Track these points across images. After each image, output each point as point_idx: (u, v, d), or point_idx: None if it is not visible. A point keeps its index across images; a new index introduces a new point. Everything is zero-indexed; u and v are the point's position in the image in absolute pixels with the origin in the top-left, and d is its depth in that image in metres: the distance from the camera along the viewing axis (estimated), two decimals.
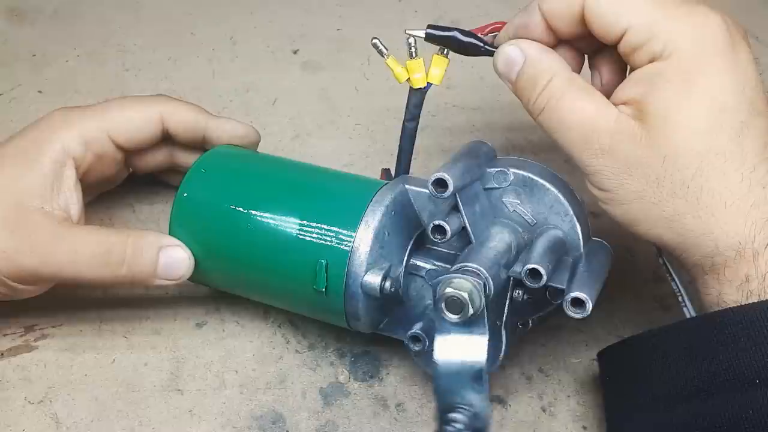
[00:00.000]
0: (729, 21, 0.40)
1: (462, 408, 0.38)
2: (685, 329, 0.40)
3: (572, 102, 0.41)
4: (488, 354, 0.39)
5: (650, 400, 0.41)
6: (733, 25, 0.40)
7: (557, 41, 0.44)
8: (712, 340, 0.38)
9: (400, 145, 0.49)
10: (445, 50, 0.46)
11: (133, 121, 0.51)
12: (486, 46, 0.45)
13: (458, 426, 0.37)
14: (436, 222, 0.43)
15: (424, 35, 0.46)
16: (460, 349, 0.39)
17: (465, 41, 0.45)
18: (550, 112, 0.42)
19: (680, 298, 0.43)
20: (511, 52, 0.43)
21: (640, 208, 0.40)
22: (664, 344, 0.41)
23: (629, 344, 0.44)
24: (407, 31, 0.46)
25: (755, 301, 0.38)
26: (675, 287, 0.43)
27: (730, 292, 0.39)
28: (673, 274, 0.44)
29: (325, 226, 0.44)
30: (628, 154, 0.40)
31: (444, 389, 0.39)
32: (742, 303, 0.38)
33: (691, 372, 0.39)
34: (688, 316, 0.42)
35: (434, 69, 0.47)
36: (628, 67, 0.42)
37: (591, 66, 0.46)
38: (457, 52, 0.46)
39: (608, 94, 0.42)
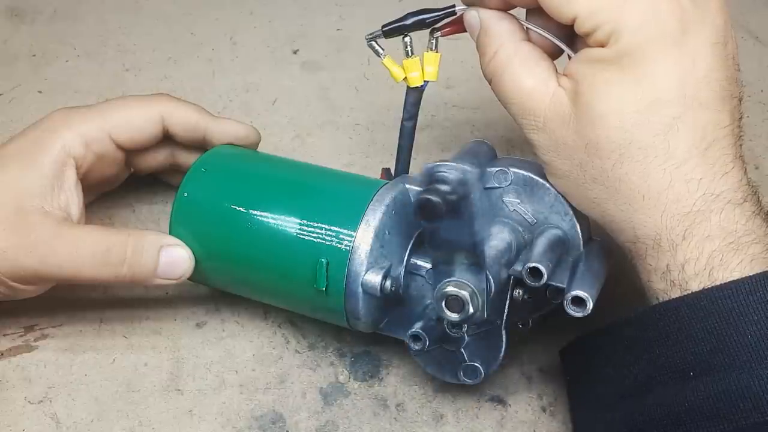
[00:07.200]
0: (687, 5, 0.38)
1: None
2: (622, 328, 0.41)
3: (512, 76, 0.42)
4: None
5: (598, 399, 0.42)
6: (692, 9, 0.38)
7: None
8: (647, 336, 0.39)
9: (399, 144, 0.49)
10: (434, 45, 0.47)
11: (134, 120, 0.51)
12: (443, 11, 0.45)
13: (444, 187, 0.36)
14: None
15: (382, 34, 0.46)
16: None
17: (419, 17, 0.45)
18: (496, 84, 0.43)
19: None
20: (470, 17, 0.44)
21: (569, 185, 0.42)
22: (607, 343, 0.42)
23: (581, 343, 0.44)
24: (366, 37, 0.47)
25: (677, 291, 0.38)
26: None
27: (656, 280, 0.39)
28: None
29: (326, 226, 0.44)
30: (558, 135, 0.41)
31: None
32: (668, 292, 0.39)
33: (632, 369, 0.39)
34: None
35: (428, 66, 0.47)
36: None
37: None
38: (427, 27, 0.46)
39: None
